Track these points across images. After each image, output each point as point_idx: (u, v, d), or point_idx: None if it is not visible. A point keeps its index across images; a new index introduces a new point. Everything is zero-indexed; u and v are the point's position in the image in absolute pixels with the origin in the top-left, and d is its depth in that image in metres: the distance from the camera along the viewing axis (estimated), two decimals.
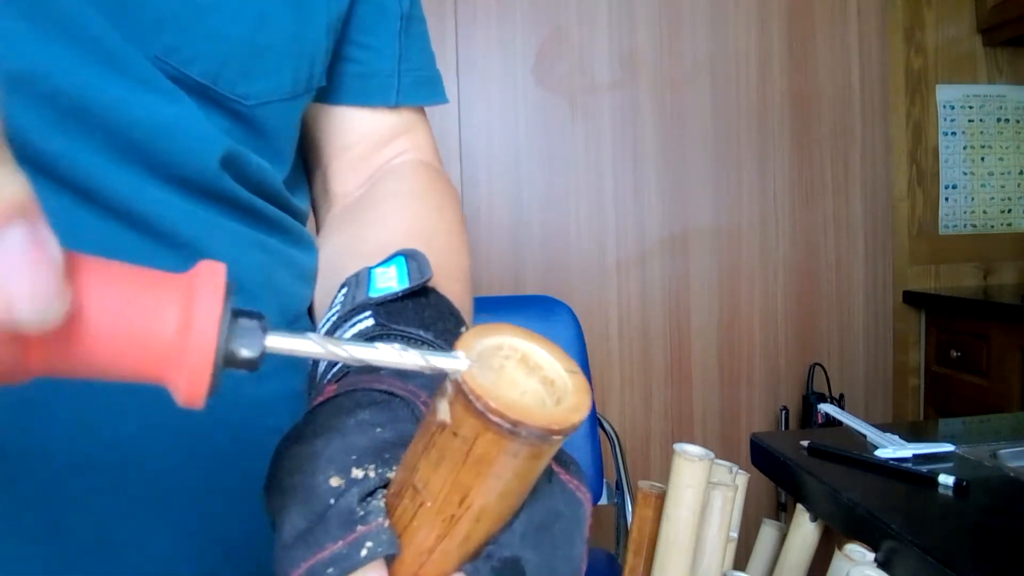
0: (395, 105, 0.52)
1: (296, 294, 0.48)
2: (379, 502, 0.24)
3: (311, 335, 0.22)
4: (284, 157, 0.48)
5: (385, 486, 0.25)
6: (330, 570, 0.23)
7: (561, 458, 0.27)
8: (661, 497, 0.56)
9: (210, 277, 0.21)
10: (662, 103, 2.06)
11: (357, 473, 0.25)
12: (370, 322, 0.34)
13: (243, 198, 0.42)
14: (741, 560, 0.69)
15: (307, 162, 0.55)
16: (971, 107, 2.18)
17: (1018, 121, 2.21)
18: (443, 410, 0.22)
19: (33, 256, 0.16)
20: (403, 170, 0.52)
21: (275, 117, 0.44)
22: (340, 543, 0.23)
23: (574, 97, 2.03)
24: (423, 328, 0.34)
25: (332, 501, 0.24)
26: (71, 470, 0.36)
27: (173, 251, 0.39)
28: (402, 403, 0.28)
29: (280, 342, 0.21)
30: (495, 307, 1.67)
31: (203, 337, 0.20)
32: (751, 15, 2.07)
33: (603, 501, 1.56)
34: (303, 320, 0.49)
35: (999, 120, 2.20)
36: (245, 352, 0.21)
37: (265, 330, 0.21)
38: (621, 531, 1.57)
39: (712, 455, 0.55)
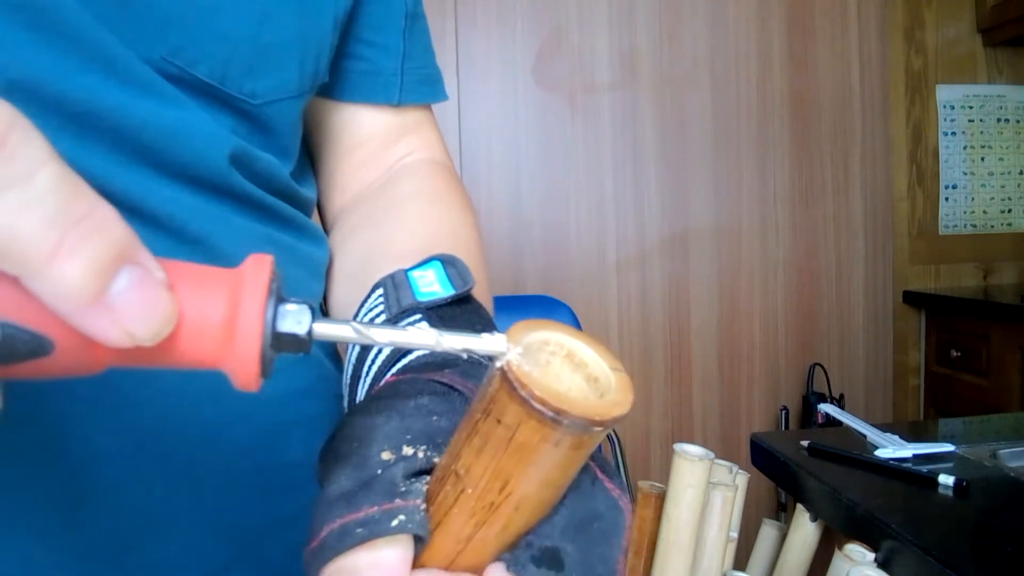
0: (398, 103, 0.52)
1: (307, 291, 0.48)
2: (421, 485, 0.25)
3: (352, 322, 0.23)
4: (290, 152, 0.48)
5: (430, 471, 0.26)
6: (360, 530, 0.24)
7: (606, 468, 0.27)
8: (661, 497, 0.56)
9: (256, 267, 0.22)
10: (662, 103, 2.06)
11: (407, 451, 0.26)
12: (424, 325, 0.35)
13: (253, 194, 0.43)
14: (741, 560, 0.69)
15: (312, 158, 0.55)
16: (971, 107, 2.18)
17: (1018, 121, 2.21)
18: (487, 397, 0.23)
19: (144, 292, 0.19)
20: (417, 170, 0.53)
21: (281, 114, 0.44)
22: (376, 508, 0.24)
23: (574, 97, 2.03)
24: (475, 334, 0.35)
25: (379, 472, 0.25)
26: (86, 464, 0.37)
27: (185, 247, 0.39)
28: (461, 397, 0.29)
29: (325, 328, 0.23)
30: (495, 307, 1.66)
31: (249, 323, 0.21)
32: (751, 15, 2.07)
33: None
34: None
35: (999, 120, 2.20)
36: (292, 334, 0.22)
37: (313, 312, 0.22)
38: None
39: (712, 455, 0.55)
